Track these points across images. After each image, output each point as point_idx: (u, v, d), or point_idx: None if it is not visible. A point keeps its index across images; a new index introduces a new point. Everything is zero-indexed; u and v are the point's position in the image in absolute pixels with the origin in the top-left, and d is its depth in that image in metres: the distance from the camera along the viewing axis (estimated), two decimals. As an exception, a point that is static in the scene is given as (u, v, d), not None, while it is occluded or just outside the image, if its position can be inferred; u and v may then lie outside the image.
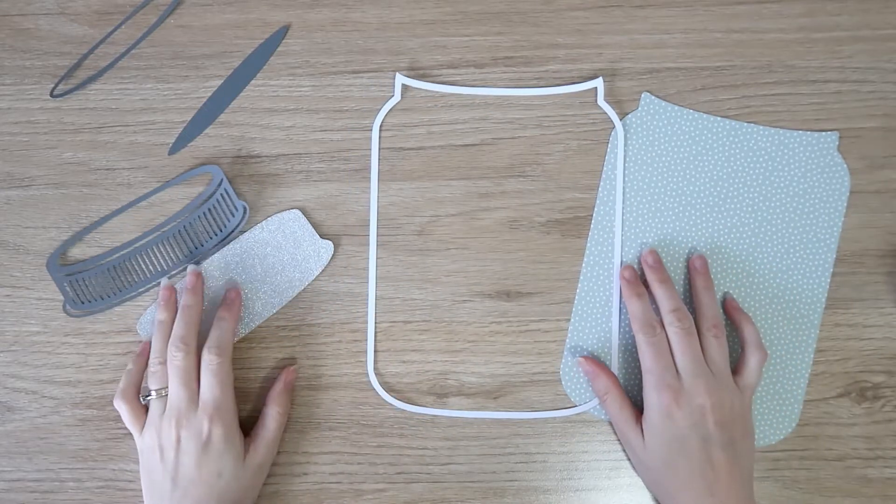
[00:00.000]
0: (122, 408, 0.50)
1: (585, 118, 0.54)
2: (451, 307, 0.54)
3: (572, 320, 0.53)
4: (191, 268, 0.52)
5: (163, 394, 0.49)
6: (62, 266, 0.54)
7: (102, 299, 0.53)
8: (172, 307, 0.51)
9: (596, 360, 0.52)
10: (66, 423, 0.54)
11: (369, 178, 0.54)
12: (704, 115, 0.53)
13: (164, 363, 0.49)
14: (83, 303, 0.53)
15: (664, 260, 0.53)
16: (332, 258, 0.54)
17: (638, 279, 0.52)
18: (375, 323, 0.53)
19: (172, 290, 0.52)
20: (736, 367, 0.50)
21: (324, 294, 0.54)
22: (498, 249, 0.54)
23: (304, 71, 0.55)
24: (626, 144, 0.53)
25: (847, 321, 0.53)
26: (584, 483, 0.53)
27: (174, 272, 0.54)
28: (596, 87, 0.53)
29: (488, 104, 0.54)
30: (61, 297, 0.54)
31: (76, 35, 0.55)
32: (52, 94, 0.55)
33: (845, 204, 0.53)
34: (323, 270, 0.54)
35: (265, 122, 0.55)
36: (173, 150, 0.55)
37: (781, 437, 0.52)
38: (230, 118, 0.55)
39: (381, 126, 0.54)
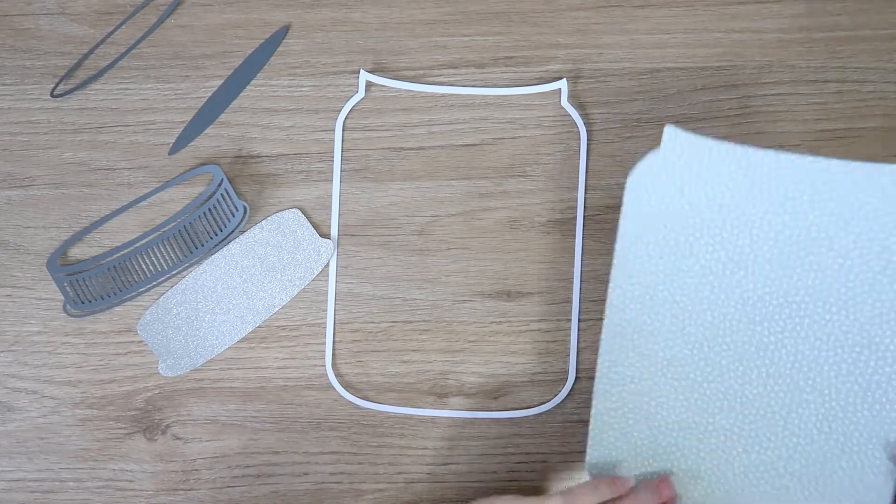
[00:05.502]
0: None
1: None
2: (451, 307, 0.54)
3: (595, 406, 0.46)
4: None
5: None
6: (62, 266, 0.54)
7: (102, 299, 0.53)
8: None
9: None
10: (66, 423, 0.54)
11: (368, 178, 0.54)
12: (753, 150, 0.40)
13: None
14: (83, 303, 0.53)
15: (720, 337, 0.43)
16: (331, 258, 0.54)
17: None
18: (335, 323, 0.53)
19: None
20: None
21: (324, 294, 0.54)
22: (498, 249, 0.54)
23: (304, 71, 0.55)
24: (645, 194, 0.42)
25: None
26: (585, 483, 0.53)
27: (174, 272, 0.54)
28: (560, 89, 0.53)
29: (488, 104, 0.54)
30: (61, 297, 0.54)
31: (76, 35, 0.55)
32: (52, 94, 0.55)
33: None
34: (322, 270, 0.54)
35: (265, 122, 0.55)
36: (173, 150, 0.55)
37: None
38: (230, 118, 0.55)
39: (345, 121, 0.54)
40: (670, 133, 0.41)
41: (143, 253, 0.54)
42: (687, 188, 0.41)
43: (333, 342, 0.53)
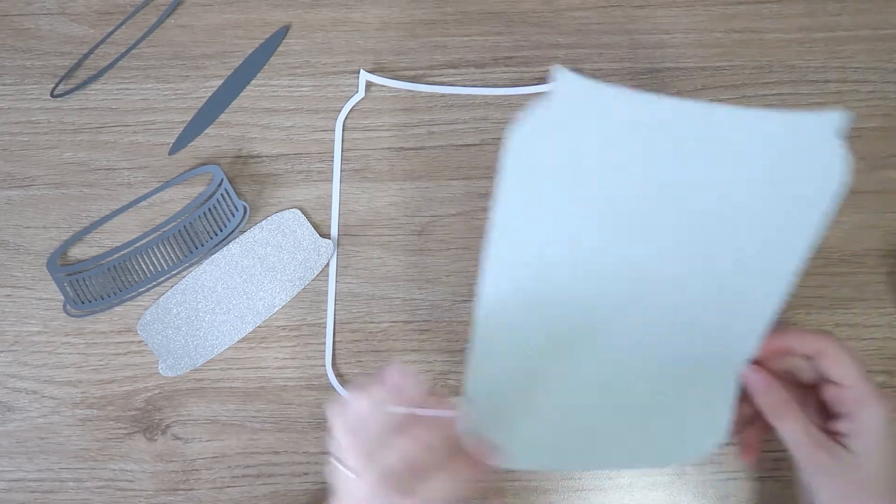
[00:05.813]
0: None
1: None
2: (451, 307, 0.54)
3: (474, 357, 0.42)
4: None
5: None
6: (62, 266, 0.54)
7: (102, 299, 0.53)
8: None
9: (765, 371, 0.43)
10: (66, 423, 0.54)
11: (368, 178, 0.54)
12: (648, 96, 0.37)
13: None
14: (83, 303, 0.53)
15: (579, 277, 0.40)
16: (331, 258, 0.54)
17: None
18: (335, 323, 0.53)
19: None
20: None
21: (324, 294, 0.54)
22: (498, 249, 0.54)
23: (304, 71, 0.55)
24: (531, 145, 0.38)
25: (847, 321, 0.53)
26: (584, 483, 0.53)
27: (174, 272, 0.54)
28: None
29: (488, 104, 0.54)
30: (61, 297, 0.54)
31: (76, 35, 0.55)
32: (52, 94, 0.55)
33: (830, 205, 0.38)
34: (322, 270, 0.54)
35: (265, 122, 0.55)
36: (173, 150, 0.55)
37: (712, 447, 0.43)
38: (230, 118, 0.55)
39: (345, 121, 0.54)
40: (560, 75, 0.36)
41: (143, 253, 0.54)
42: (576, 134, 0.38)
43: (333, 342, 0.53)
